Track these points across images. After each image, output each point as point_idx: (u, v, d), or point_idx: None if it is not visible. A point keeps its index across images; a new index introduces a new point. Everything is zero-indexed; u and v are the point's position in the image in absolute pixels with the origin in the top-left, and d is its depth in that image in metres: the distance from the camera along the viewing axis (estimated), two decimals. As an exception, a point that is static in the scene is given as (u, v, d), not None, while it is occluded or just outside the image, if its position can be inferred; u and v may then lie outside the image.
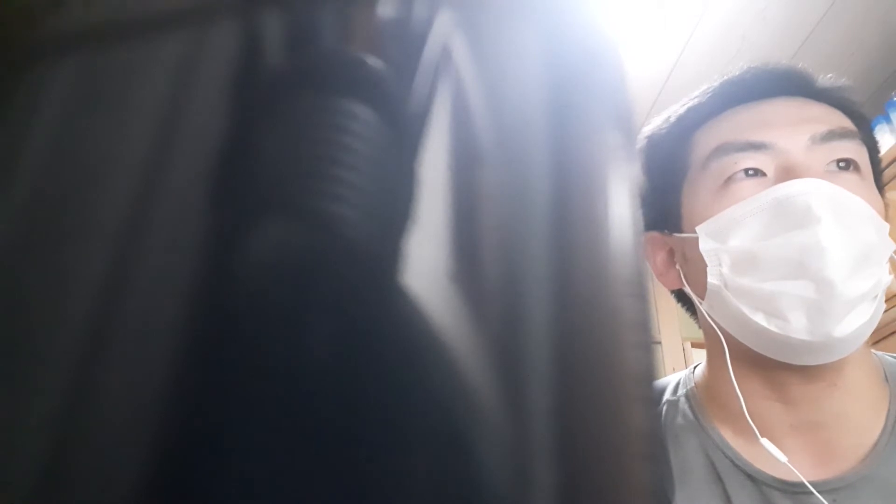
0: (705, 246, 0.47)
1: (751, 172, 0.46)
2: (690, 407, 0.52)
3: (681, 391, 0.54)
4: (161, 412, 0.09)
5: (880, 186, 0.50)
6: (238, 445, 0.09)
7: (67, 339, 0.10)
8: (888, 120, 1.51)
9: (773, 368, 0.46)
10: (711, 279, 0.46)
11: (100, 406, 0.09)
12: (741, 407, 0.45)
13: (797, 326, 0.43)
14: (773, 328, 0.44)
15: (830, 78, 0.51)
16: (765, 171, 0.46)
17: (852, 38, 1.54)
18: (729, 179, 0.47)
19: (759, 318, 0.44)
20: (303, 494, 0.09)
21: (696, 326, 0.56)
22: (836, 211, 0.43)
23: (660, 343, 2.02)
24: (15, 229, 0.11)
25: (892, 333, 1.34)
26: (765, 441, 0.44)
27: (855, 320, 0.43)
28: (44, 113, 0.11)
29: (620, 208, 0.13)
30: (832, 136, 0.46)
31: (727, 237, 0.46)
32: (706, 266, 0.47)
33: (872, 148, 0.50)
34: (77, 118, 0.11)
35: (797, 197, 0.43)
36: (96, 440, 0.09)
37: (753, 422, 0.45)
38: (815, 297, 0.42)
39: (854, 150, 0.47)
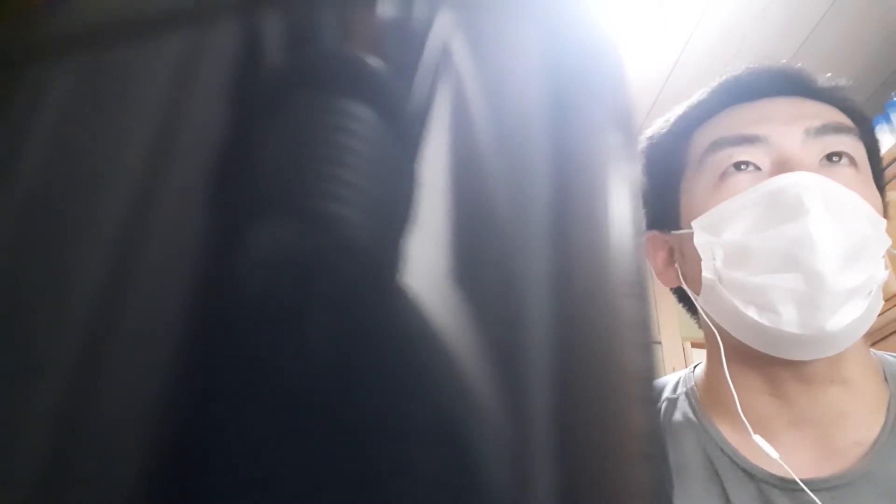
0: (700, 240, 0.47)
1: (745, 166, 0.47)
2: (690, 404, 0.52)
3: (680, 389, 0.54)
4: (161, 412, 0.09)
5: (881, 186, 0.50)
6: (238, 445, 0.09)
7: (68, 339, 0.10)
8: (888, 120, 1.51)
9: (768, 364, 0.46)
10: (706, 273, 0.47)
11: (100, 406, 0.09)
12: (736, 402, 0.45)
13: (788, 319, 0.43)
14: (764, 322, 0.44)
15: (830, 78, 0.51)
16: (759, 164, 0.47)
17: (852, 38, 1.54)
18: (724, 174, 0.47)
19: (752, 312, 0.44)
20: (303, 494, 0.09)
21: (696, 326, 0.56)
22: (828, 203, 0.43)
23: (660, 343, 2.02)
24: (15, 229, 0.11)
25: (893, 333, 1.34)
26: (757, 438, 0.44)
27: (848, 315, 0.42)
28: (44, 113, 0.11)
29: (620, 208, 0.13)
30: (826, 129, 0.46)
31: (721, 231, 0.46)
32: (701, 260, 0.47)
33: (872, 147, 0.50)
34: (77, 118, 0.11)
35: (789, 189, 0.43)
36: (97, 440, 0.09)
37: (752, 418, 0.45)
38: (806, 290, 0.42)
39: (849, 144, 0.47)
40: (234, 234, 0.10)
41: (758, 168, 0.47)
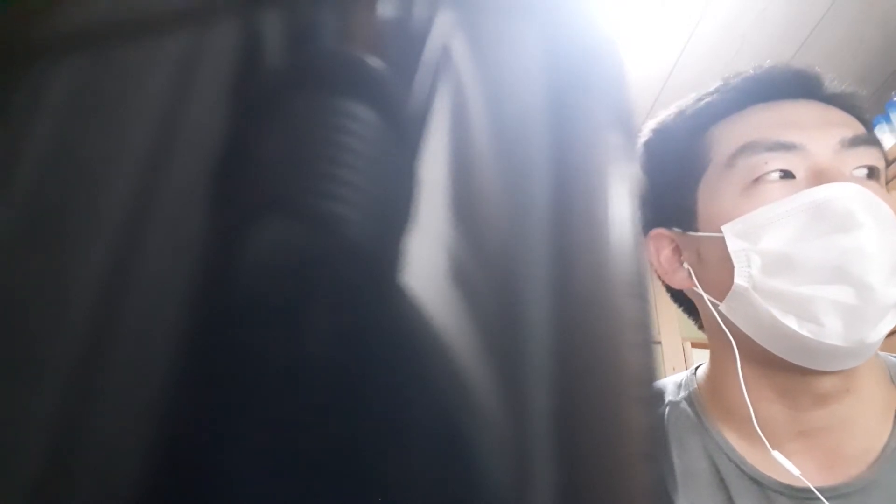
0: (734, 246, 0.46)
1: (781, 174, 0.46)
2: (693, 409, 0.51)
3: (683, 393, 0.53)
4: (161, 412, 0.09)
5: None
6: (238, 444, 0.09)
7: (68, 339, 0.10)
8: (888, 120, 1.51)
9: (787, 372, 0.46)
10: (739, 280, 0.45)
11: (100, 406, 0.09)
12: (749, 413, 0.45)
13: (832, 332, 0.42)
14: (805, 333, 0.43)
15: (847, 85, 0.51)
16: (794, 172, 0.46)
17: (852, 38, 1.54)
18: (758, 180, 0.46)
19: (791, 322, 0.43)
20: (303, 494, 0.09)
21: (696, 327, 0.55)
22: (875, 216, 0.43)
23: (660, 343, 2.02)
24: (15, 229, 0.11)
25: (892, 333, 1.34)
26: (776, 454, 0.44)
27: (885, 327, 0.42)
28: (44, 113, 0.11)
29: (620, 208, 0.13)
30: (858, 141, 0.46)
31: (758, 238, 0.45)
32: (733, 266, 0.45)
33: (884, 157, 0.50)
34: (77, 118, 0.11)
35: (836, 200, 0.43)
36: (96, 440, 0.09)
37: (759, 425, 0.45)
38: (855, 303, 0.42)
39: (877, 157, 0.47)
40: (234, 234, 0.10)
41: (792, 176, 0.46)
